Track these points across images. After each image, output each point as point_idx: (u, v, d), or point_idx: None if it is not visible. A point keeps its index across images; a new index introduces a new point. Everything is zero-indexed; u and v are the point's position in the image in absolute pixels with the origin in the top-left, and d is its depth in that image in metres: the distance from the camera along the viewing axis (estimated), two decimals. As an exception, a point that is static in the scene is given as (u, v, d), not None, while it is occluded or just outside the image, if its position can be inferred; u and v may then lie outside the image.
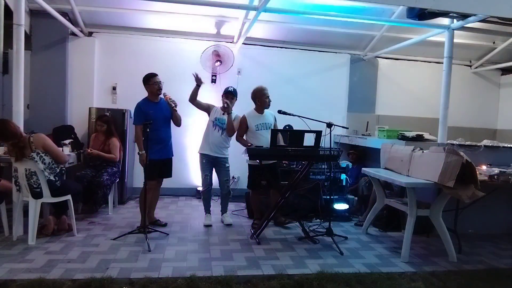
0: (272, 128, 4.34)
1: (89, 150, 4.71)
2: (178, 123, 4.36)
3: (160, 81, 4.15)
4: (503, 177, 3.77)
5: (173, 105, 4.16)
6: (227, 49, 5.83)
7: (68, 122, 5.61)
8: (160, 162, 4.15)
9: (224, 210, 4.63)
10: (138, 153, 4.08)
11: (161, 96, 4.23)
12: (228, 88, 4.58)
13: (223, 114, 4.42)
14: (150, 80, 4.12)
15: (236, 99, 4.57)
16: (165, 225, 4.33)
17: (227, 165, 4.49)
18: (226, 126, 4.40)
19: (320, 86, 6.45)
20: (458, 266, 3.46)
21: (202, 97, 4.56)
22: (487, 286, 3.06)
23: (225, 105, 4.35)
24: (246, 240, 3.96)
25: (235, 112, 4.49)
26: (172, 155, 4.38)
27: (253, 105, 4.47)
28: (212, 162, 4.46)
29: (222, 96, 4.53)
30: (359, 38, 6.22)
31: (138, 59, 5.83)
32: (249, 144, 4.20)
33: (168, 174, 4.36)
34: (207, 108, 4.56)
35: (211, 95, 5.59)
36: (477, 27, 5.09)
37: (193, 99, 4.41)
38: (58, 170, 3.78)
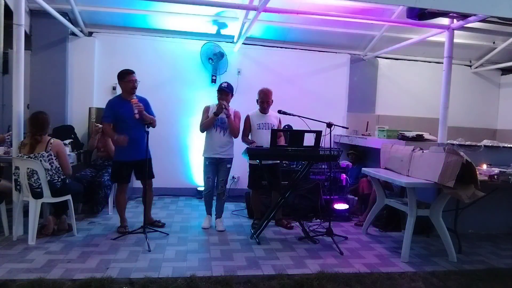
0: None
1: (99, 125, 4.69)
2: (153, 125, 4.02)
3: (137, 80, 3.97)
4: (503, 177, 3.77)
5: (136, 112, 3.82)
6: (223, 54, 5.84)
7: (68, 122, 5.61)
8: (133, 164, 3.99)
9: (218, 214, 4.44)
10: (116, 139, 3.86)
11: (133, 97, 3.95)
12: (221, 84, 4.30)
13: (225, 115, 4.22)
14: (126, 77, 3.92)
15: (232, 95, 4.36)
16: (163, 225, 4.31)
17: (228, 165, 4.35)
18: (229, 128, 4.27)
19: (320, 86, 6.45)
20: (458, 266, 3.46)
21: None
22: (487, 286, 3.06)
23: (225, 111, 4.14)
24: (246, 240, 3.96)
25: (233, 108, 4.36)
26: (150, 156, 4.00)
27: (257, 105, 4.50)
28: (215, 164, 4.33)
29: (218, 94, 4.30)
30: (359, 38, 6.21)
31: (138, 59, 5.83)
32: (251, 143, 4.19)
33: (148, 175, 4.07)
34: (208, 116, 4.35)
35: (210, 95, 5.58)
36: (477, 27, 5.08)
37: (206, 129, 4.30)
38: (62, 177, 3.81)
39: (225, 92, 4.26)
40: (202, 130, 4.34)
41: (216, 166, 4.33)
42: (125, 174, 4.05)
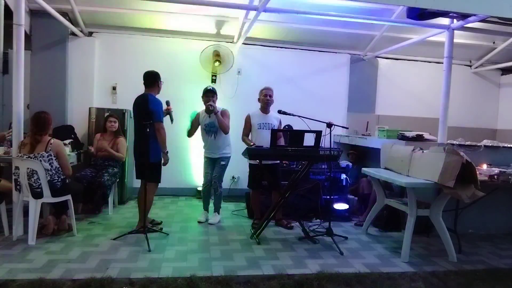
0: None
1: (91, 148, 4.76)
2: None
3: None
4: (503, 177, 3.77)
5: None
6: (227, 50, 5.83)
7: (68, 122, 5.61)
8: None
9: (215, 208, 4.65)
10: (167, 153, 3.97)
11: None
12: (207, 87, 4.57)
13: (209, 116, 4.43)
14: (160, 78, 4.07)
15: (217, 97, 4.56)
16: (160, 223, 4.33)
17: (222, 163, 4.54)
18: (218, 126, 4.40)
19: (320, 86, 6.45)
20: (458, 266, 3.46)
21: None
22: (487, 286, 3.06)
23: (210, 107, 4.34)
24: (246, 240, 3.96)
25: (220, 107, 4.55)
26: None
27: (258, 105, 4.55)
28: (212, 161, 4.59)
29: (203, 97, 4.51)
30: (359, 38, 6.21)
31: (138, 59, 5.82)
32: (251, 144, 4.20)
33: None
34: (198, 121, 4.57)
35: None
36: (477, 27, 5.08)
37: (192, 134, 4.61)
38: (62, 177, 3.80)
39: (212, 92, 4.47)
40: (188, 135, 4.64)
41: (213, 163, 4.58)
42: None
